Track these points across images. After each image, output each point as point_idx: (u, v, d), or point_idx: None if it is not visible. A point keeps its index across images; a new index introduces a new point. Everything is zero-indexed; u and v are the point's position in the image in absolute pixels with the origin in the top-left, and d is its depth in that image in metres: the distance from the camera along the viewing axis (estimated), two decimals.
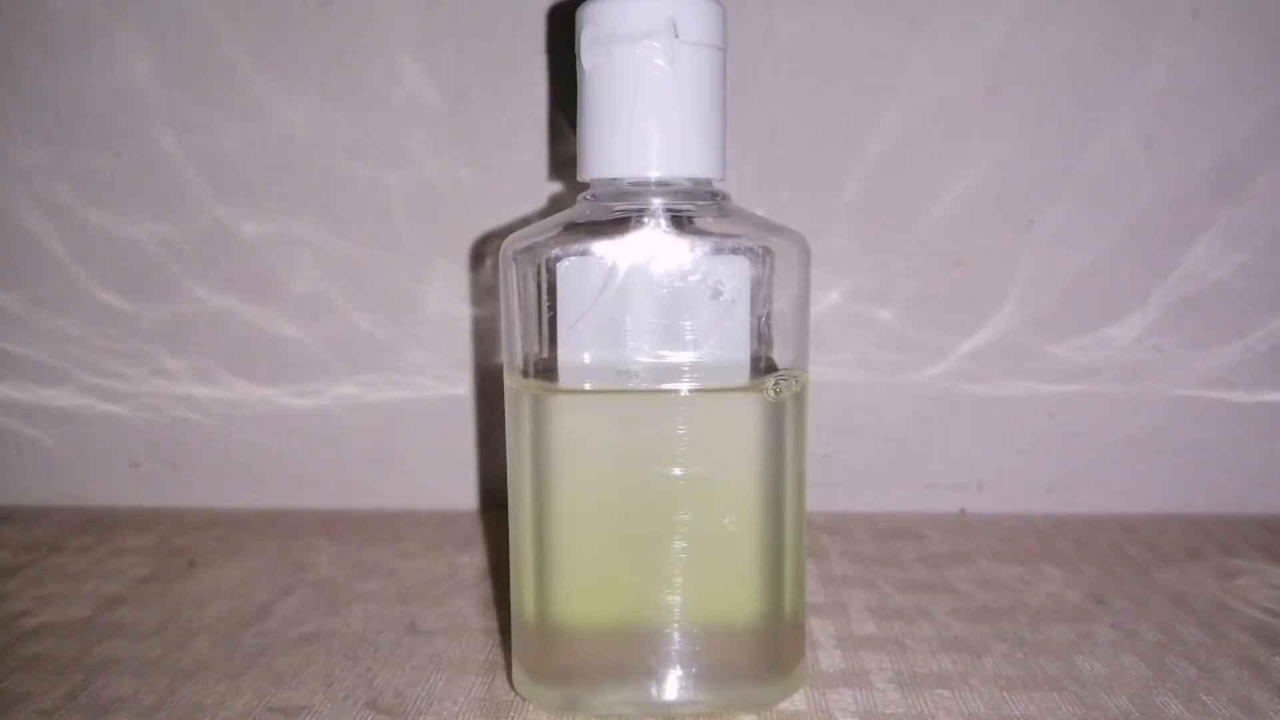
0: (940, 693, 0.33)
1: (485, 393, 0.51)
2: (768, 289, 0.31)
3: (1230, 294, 0.49)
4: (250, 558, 0.45)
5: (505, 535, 0.33)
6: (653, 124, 0.30)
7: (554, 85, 0.48)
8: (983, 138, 0.48)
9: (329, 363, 0.51)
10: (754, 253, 0.31)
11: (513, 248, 0.31)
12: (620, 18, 0.29)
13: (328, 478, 0.52)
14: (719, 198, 0.31)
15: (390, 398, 0.51)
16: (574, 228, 0.31)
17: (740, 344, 0.31)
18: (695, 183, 0.31)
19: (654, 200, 0.30)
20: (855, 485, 0.51)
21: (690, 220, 0.31)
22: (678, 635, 0.31)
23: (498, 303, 0.43)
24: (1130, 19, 0.47)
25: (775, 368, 0.32)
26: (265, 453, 0.52)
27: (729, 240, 0.31)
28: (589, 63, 0.30)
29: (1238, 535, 0.47)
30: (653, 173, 0.30)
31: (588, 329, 0.30)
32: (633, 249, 0.30)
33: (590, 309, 0.30)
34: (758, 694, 0.32)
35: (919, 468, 0.51)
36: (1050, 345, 0.49)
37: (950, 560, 0.45)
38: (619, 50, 0.29)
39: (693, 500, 0.30)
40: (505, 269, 0.31)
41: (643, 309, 0.30)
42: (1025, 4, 0.47)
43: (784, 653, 0.32)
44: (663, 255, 0.30)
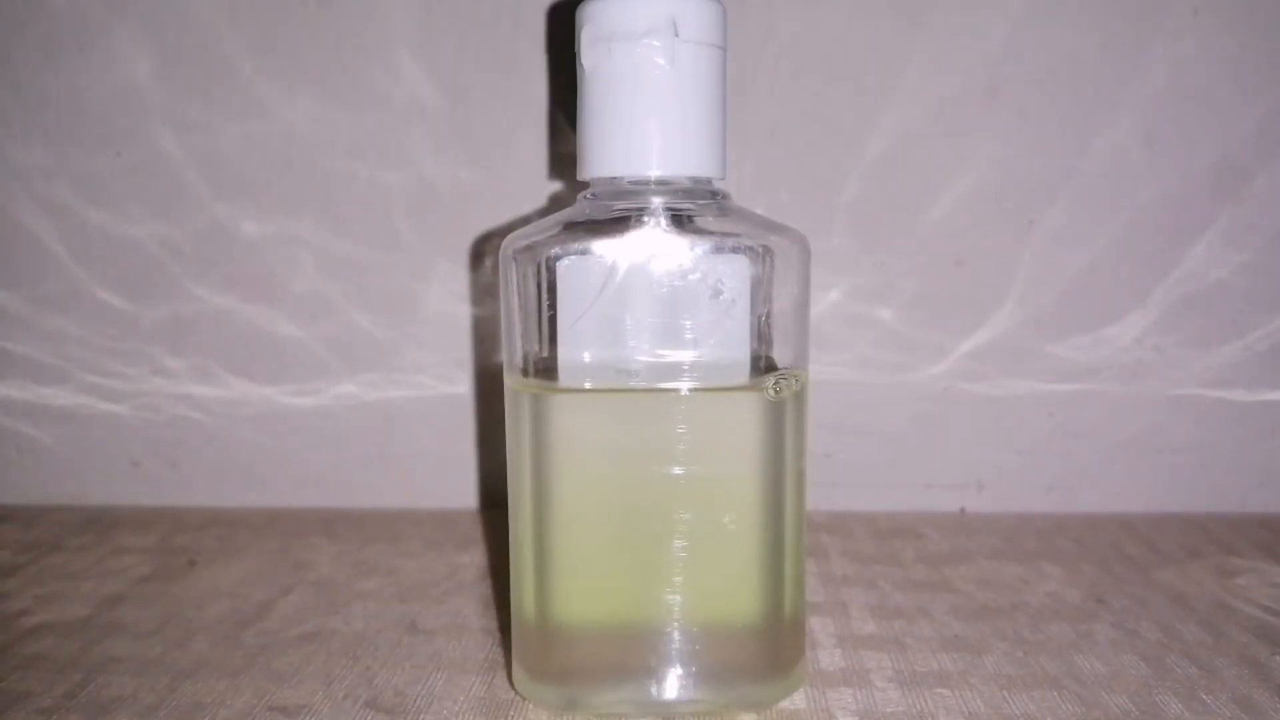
0: (940, 692, 0.33)
1: (485, 392, 0.51)
2: (768, 288, 0.31)
3: (1230, 294, 0.49)
4: (250, 557, 0.45)
5: (505, 535, 0.33)
6: (653, 123, 0.30)
7: (554, 85, 0.48)
8: (983, 138, 0.48)
9: (329, 362, 0.51)
10: (754, 252, 0.31)
11: (512, 247, 0.31)
12: (620, 16, 0.29)
13: (328, 477, 0.52)
14: (719, 197, 0.31)
15: (390, 397, 0.51)
16: (574, 227, 0.31)
17: (740, 343, 0.31)
18: (695, 182, 0.31)
19: (654, 199, 0.30)
20: (855, 484, 0.51)
21: (690, 219, 0.31)
22: (678, 634, 0.31)
23: (498, 302, 0.43)
24: (1130, 19, 0.47)
25: (775, 367, 0.32)
26: (265, 452, 0.52)
27: (729, 239, 0.31)
28: (589, 62, 0.30)
29: (1238, 534, 0.47)
30: (653, 172, 0.30)
31: (588, 328, 0.30)
32: (633, 248, 0.30)
33: (590, 308, 0.30)
34: (758, 693, 0.32)
35: (919, 467, 0.51)
36: (1050, 345, 0.49)
37: (950, 559, 0.45)
38: (619, 49, 0.29)
39: (693, 499, 0.30)
40: (505, 268, 0.31)
41: (643, 308, 0.30)
42: (1025, 4, 0.47)
43: (784, 652, 0.32)
44: (663, 254, 0.30)
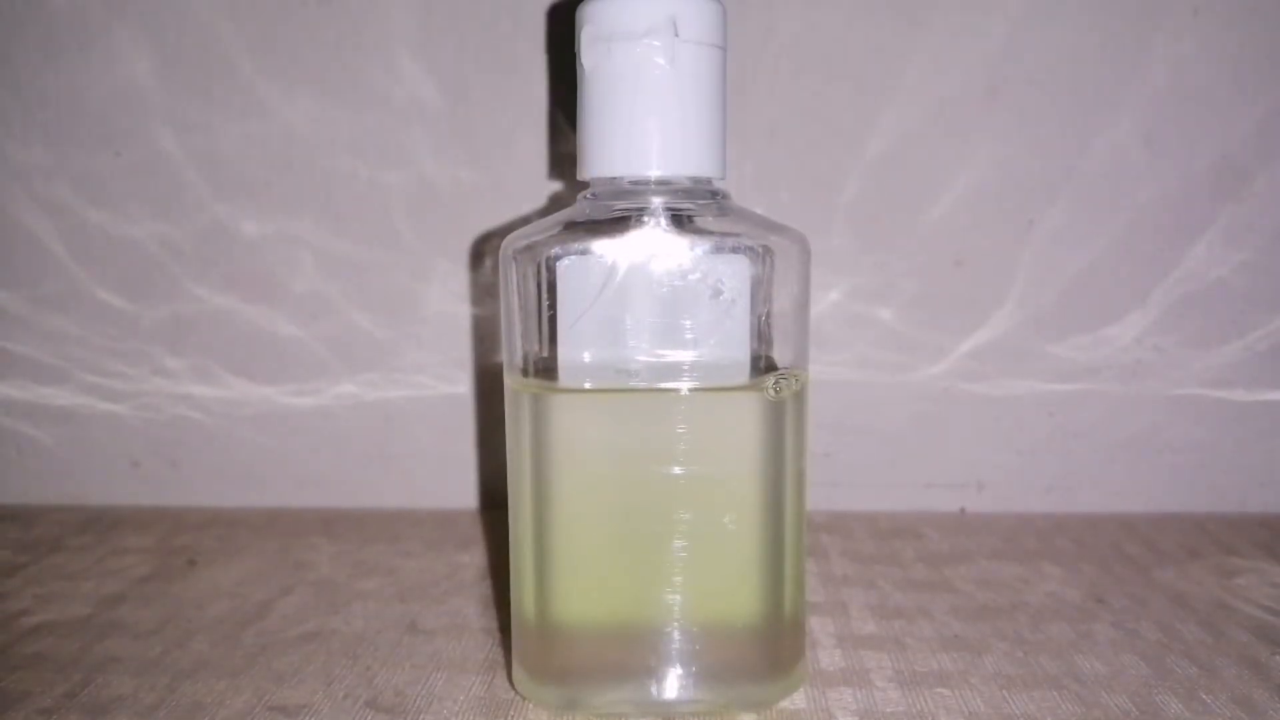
0: (940, 691, 0.33)
1: (485, 392, 0.51)
2: (768, 288, 0.31)
3: (1230, 294, 0.49)
4: (250, 557, 0.45)
5: (505, 535, 0.33)
6: (653, 123, 0.30)
7: (554, 85, 0.48)
8: (983, 138, 0.48)
9: (329, 362, 0.51)
10: (754, 252, 0.31)
11: (512, 247, 0.31)
12: (620, 16, 0.29)
13: (328, 477, 0.52)
14: (719, 197, 0.31)
15: (390, 397, 0.51)
16: (574, 227, 0.31)
17: (740, 343, 0.31)
18: (695, 182, 0.31)
19: (654, 199, 0.30)
20: (855, 484, 0.51)
21: (690, 219, 0.31)
22: (678, 634, 0.31)
23: (498, 302, 0.43)
24: (1130, 19, 0.47)
25: (775, 367, 0.32)
26: (265, 452, 0.52)
27: (729, 239, 0.31)
28: (589, 61, 0.30)
29: (1237, 534, 0.47)
30: (653, 171, 0.30)
31: (588, 328, 0.30)
32: (633, 248, 0.30)
33: (590, 308, 0.30)
34: (758, 693, 0.32)
35: (919, 467, 0.51)
36: (1050, 345, 0.49)
37: (950, 559, 0.45)
38: (619, 49, 0.29)
39: (693, 499, 0.30)
40: (505, 268, 0.31)
41: (643, 308, 0.30)
42: (1025, 4, 0.47)
43: (784, 652, 0.32)
44: (663, 254, 0.30)
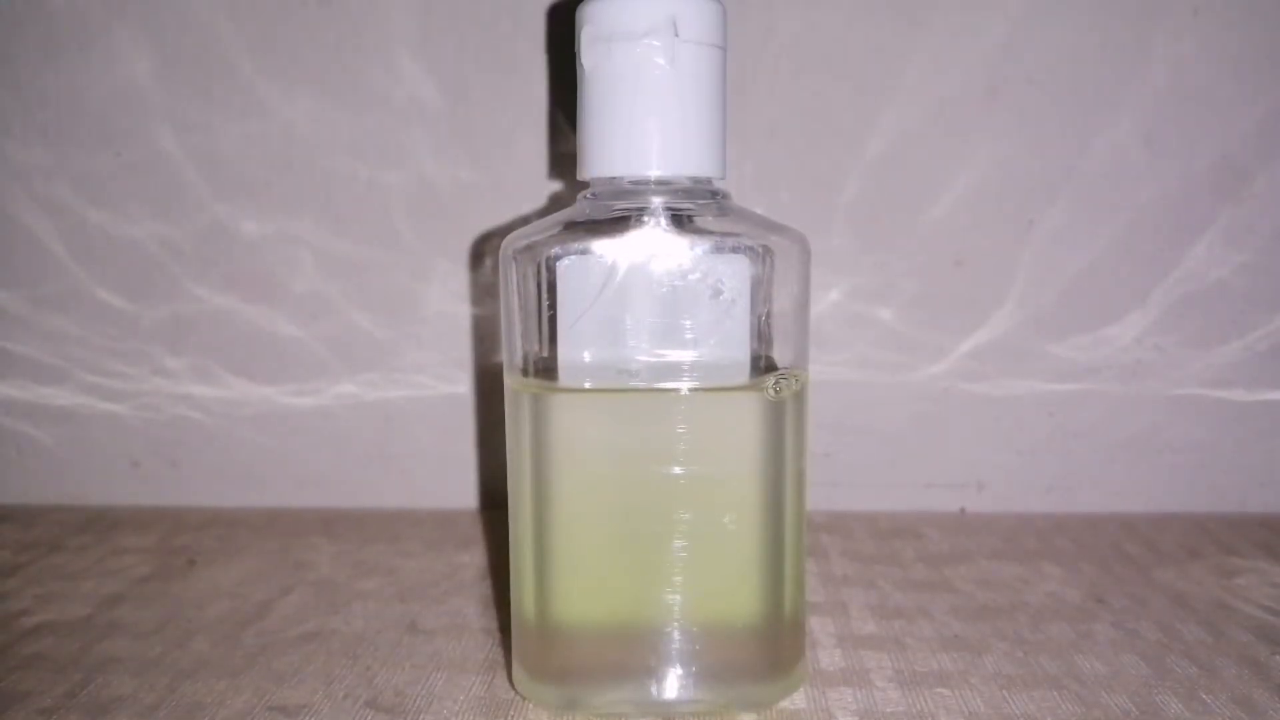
0: (940, 691, 0.33)
1: (485, 392, 0.51)
2: (768, 288, 0.31)
3: (1230, 294, 0.49)
4: (250, 557, 0.45)
5: (505, 535, 0.33)
6: (653, 123, 0.30)
7: (554, 85, 0.48)
8: (983, 138, 0.48)
9: (329, 362, 0.51)
10: (754, 252, 0.31)
11: (512, 247, 0.31)
12: (620, 16, 0.29)
13: (328, 478, 0.52)
14: (719, 197, 0.31)
15: (390, 397, 0.51)
16: (574, 226, 0.31)
17: (740, 343, 0.31)
18: (695, 181, 0.31)
19: (654, 199, 0.30)
20: (855, 484, 0.51)
21: (690, 219, 0.31)
22: (678, 634, 0.31)
23: (498, 302, 0.43)
24: (1130, 19, 0.47)
25: (775, 367, 0.32)
26: (265, 452, 0.52)
27: (729, 239, 0.31)
28: (589, 62, 0.30)
29: (1238, 534, 0.47)
30: (653, 171, 0.30)
31: (588, 328, 0.30)
32: (633, 248, 0.30)
33: (590, 308, 0.30)
34: (758, 693, 0.32)
35: (919, 467, 0.51)
36: (1050, 345, 0.49)
37: (950, 559, 0.45)
38: (619, 49, 0.29)
39: (693, 499, 0.30)
40: (505, 268, 0.31)
41: (643, 308, 0.30)
42: (1025, 4, 0.47)
43: (784, 652, 0.32)
44: (663, 254, 0.30)
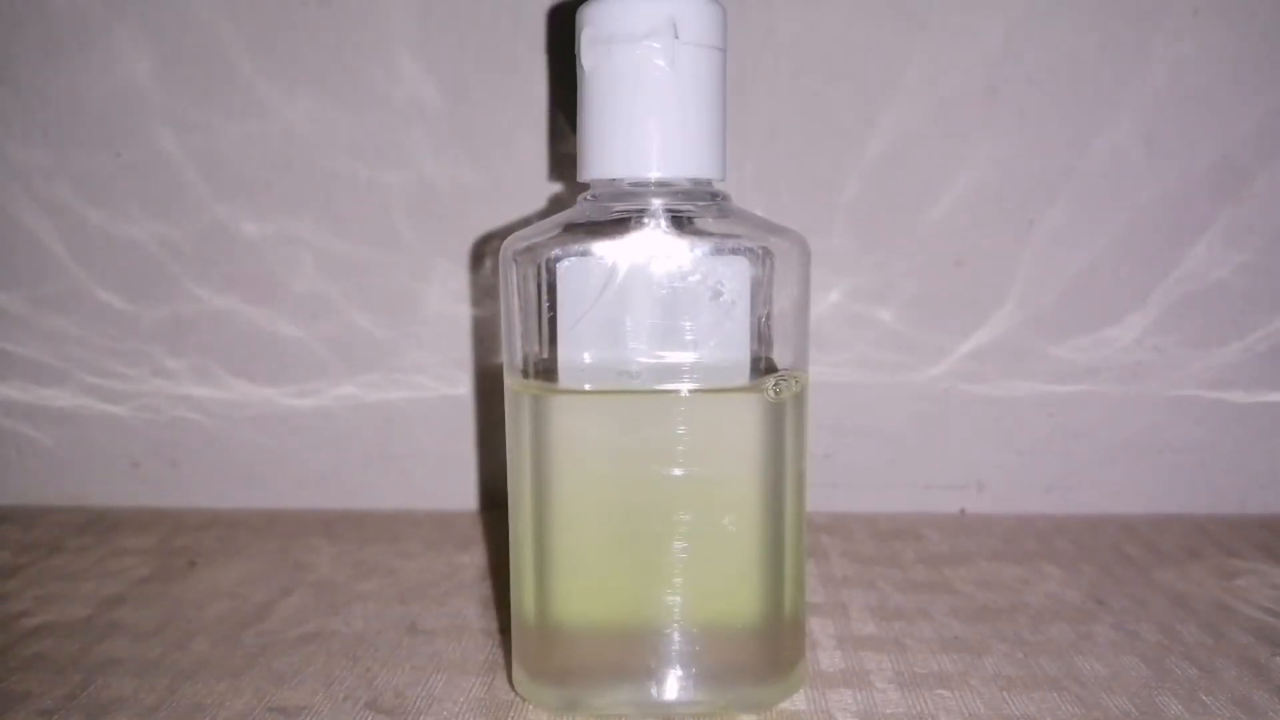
0: (940, 693, 0.33)
1: (485, 393, 0.51)
2: (768, 289, 0.31)
3: (1230, 294, 0.49)
4: (250, 558, 0.45)
5: (505, 535, 0.33)
6: (653, 124, 0.30)
7: (554, 85, 0.48)
8: (983, 138, 0.48)
9: (329, 363, 0.51)
10: (754, 253, 0.31)
11: (513, 248, 0.31)
12: (620, 18, 0.29)
13: (328, 478, 0.52)
14: (719, 198, 0.31)
15: (390, 398, 0.51)
16: (574, 228, 0.31)
17: (740, 344, 0.31)
18: (695, 183, 0.31)
19: (654, 201, 0.30)
20: (855, 485, 0.51)
21: (690, 221, 0.31)
22: (677, 635, 0.31)
23: (498, 303, 0.43)
24: (1130, 19, 0.47)
25: (775, 368, 0.32)
26: (265, 453, 0.52)
27: (729, 241, 0.31)
28: (589, 63, 0.30)
29: (1238, 535, 0.47)
30: (653, 173, 0.30)
31: (588, 329, 0.30)
32: (633, 249, 0.30)
33: (590, 309, 0.30)
34: (758, 694, 0.32)
35: (919, 468, 0.51)
36: (1050, 345, 0.49)
37: (950, 560, 0.45)
38: (619, 50, 0.29)
39: (693, 500, 0.30)
40: (505, 269, 0.31)
41: (643, 309, 0.30)
42: (1025, 4, 0.47)
43: (784, 653, 0.32)
44: (663, 256, 0.30)
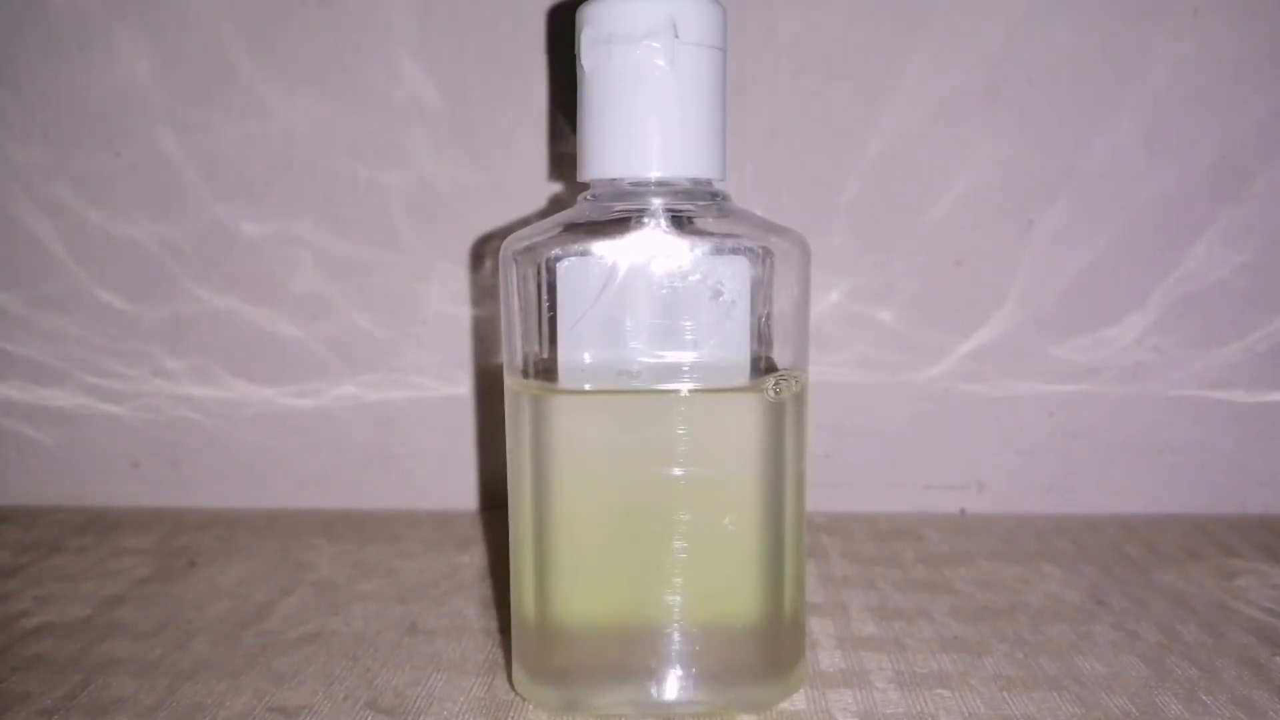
0: (940, 693, 0.33)
1: (485, 393, 0.51)
2: (768, 289, 0.31)
3: (1230, 294, 0.49)
4: (250, 558, 0.45)
5: (505, 535, 0.33)
6: (653, 124, 0.30)
7: (554, 85, 0.48)
8: (983, 138, 0.48)
9: (329, 363, 0.51)
10: (754, 253, 0.31)
11: (512, 248, 0.31)
12: (620, 18, 0.29)
13: (328, 478, 0.52)
14: (719, 198, 0.31)
15: (390, 398, 0.51)
16: (574, 228, 0.31)
17: (740, 344, 0.31)
18: (695, 183, 0.31)
19: (654, 200, 0.30)
20: (855, 485, 0.51)
21: (690, 220, 0.31)
22: (678, 635, 0.31)
23: (498, 303, 0.43)
24: (1130, 19, 0.47)
25: (775, 368, 0.32)
26: (265, 453, 0.52)
27: (729, 240, 0.31)
28: (589, 63, 0.30)
29: (1238, 535, 0.47)
30: (653, 173, 0.30)
31: (588, 329, 0.30)
32: (633, 249, 0.30)
33: (590, 309, 0.30)
34: (758, 694, 0.32)
35: (919, 468, 0.51)
36: (1050, 345, 0.49)
37: (950, 560, 0.45)
38: (619, 50, 0.29)
39: (693, 500, 0.30)
40: (505, 269, 0.31)
41: (643, 309, 0.30)
42: (1025, 4, 0.47)
43: (784, 653, 0.32)
44: (663, 255, 0.30)
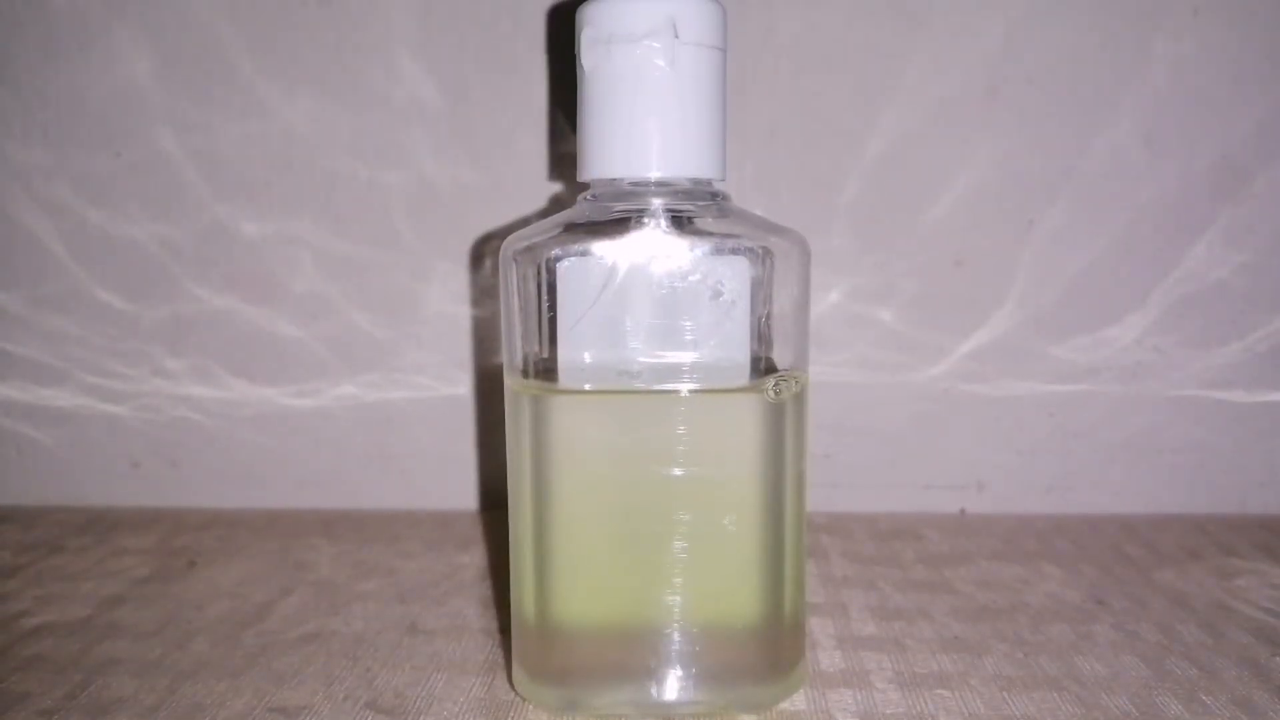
0: (940, 693, 0.33)
1: (485, 393, 0.51)
2: (768, 289, 0.31)
3: (1230, 294, 0.49)
4: (250, 558, 0.45)
5: (505, 535, 0.33)
6: (653, 124, 0.30)
7: (554, 85, 0.48)
8: (983, 138, 0.48)
9: (329, 363, 0.51)
10: (754, 253, 0.31)
11: (513, 248, 0.31)
12: (620, 18, 0.29)
13: (328, 478, 0.52)
14: (719, 198, 0.31)
15: (390, 398, 0.51)
16: (574, 228, 0.31)
17: (740, 344, 0.31)
18: (695, 183, 0.31)
19: (654, 200, 0.30)
20: (855, 485, 0.51)
21: (690, 220, 0.31)
22: (678, 635, 0.31)
23: (498, 303, 0.43)
24: (1130, 19, 0.47)
25: (775, 368, 0.32)
26: (265, 453, 0.52)
27: (729, 240, 0.31)
28: (589, 63, 0.30)
29: (1238, 535, 0.47)
30: (653, 173, 0.30)
31: (588, 329, 0.30)
32: (633, 249, 0.30)
33: (590, 309, 0.30)
34: (758, 694, 0.32)
35: (919, 468, 0.51)
36: (1050, 345, 0.49)
37: (950, 560, 0.45)
38: (619, 50, 0.29)
39: (693, 500, 0.30)
40: (505, 269, 0.31)
41: (643, 309, 0.30)
42: (1025, 4, 0.47)
43: (784, 653, 0.32)
44: (663, 255, 0.30)
